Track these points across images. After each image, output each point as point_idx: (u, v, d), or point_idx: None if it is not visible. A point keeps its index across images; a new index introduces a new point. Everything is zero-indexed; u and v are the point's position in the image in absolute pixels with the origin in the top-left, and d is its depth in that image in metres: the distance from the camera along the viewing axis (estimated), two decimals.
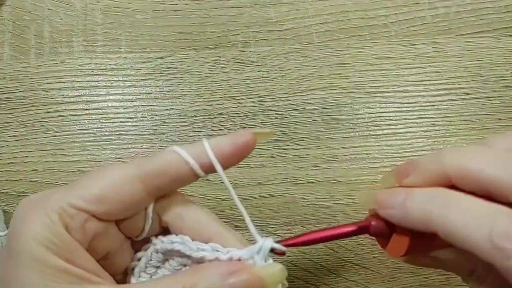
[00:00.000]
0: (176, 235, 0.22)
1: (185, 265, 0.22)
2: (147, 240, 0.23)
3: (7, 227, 0.37)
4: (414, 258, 0.23)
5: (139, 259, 0.23)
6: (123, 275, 0.24)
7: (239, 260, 0.20)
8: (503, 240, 0.17)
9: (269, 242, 0.21)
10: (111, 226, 0.22)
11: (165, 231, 0.23)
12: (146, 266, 0.23)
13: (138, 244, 0.24)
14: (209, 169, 0.22)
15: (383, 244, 0.23)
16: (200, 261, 0.21)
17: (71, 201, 0.20)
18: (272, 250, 0.21)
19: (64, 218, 0.19)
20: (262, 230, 0.37)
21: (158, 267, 0.23)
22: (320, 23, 0.41)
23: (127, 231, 0.23)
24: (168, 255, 0.23)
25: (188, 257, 0.21)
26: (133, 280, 0.23)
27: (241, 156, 0.22)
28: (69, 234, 0.19)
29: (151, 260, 0.23)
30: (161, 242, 0.22)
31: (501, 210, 0.18)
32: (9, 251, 0.19)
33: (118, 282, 0.23)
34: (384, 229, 0.22)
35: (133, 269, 0.23)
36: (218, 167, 0.22)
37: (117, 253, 0.23)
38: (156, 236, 0.23)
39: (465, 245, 0.18)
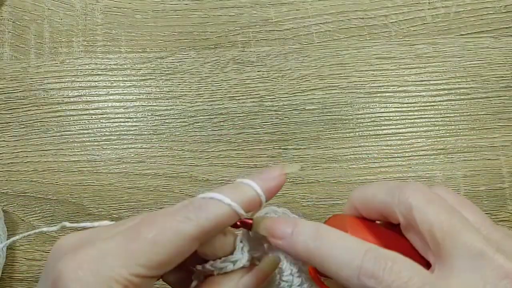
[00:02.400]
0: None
1: None
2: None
3: (7, 227, 0.37)
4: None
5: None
6: None
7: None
8: (369, 280, 0.19)
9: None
10: None
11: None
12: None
13: None
14: (249, 211, 0.22)
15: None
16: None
17: (139, 271, 0.19)
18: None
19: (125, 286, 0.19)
20: None
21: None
22: (320, 23, 0.41)
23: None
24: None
25: None
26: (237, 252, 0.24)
27: (270, 198, 0.23)
28: None
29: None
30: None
31: (367, 248, 0.20)
32: None
33: None
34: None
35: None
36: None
37: None
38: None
39: (338, 279, 0.20)
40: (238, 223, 0.22)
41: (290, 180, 0.38)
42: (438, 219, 0.20)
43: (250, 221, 0.23)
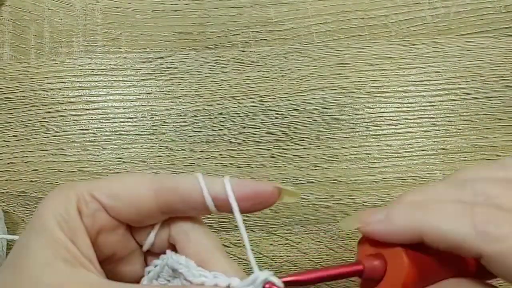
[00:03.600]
0: (186, 256, 0.22)
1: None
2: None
3: (7, 227, 0.37)
4: None
5: (155, 266, 0.23)
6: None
7: None
8: (486, 226, 0.18)
9: (264, 274, 0.20)
10: (121, 228, 0.22)
11: (174, 248, 0.24)
12: (158, 276, 0.23)
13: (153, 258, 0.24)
14: (224, 207, 0.21)
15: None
16: (199, 286, 0.21)
17: (90, 190, 0.21)
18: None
19: (80, 203, 0.21)
20: (262, 229, 0.37)
21: (168, 281, 0.24)
22: (320, 23, 0.41)
23: (137, 239, 0.23)
24: (175, 272, 0.23)
25: (190, 282, 0.21)
26: (143, 281, 0.23)
27: (259, 205, 0.22)
28: (80, 217, 0.21)
29: (162, 272, 0.23)
30: (171, 258, 0.22)
31: (475, 203, 0.19)
32: (30, 221, 0.21)
33: None
34: (377, 271, 0.21)
35: (148, 272, 0.23)
36: (234, 205, 0.21)
37: (125, 259, 0.23)
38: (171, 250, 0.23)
39: (452, 241, 0.19)
40: (350, 271, 0.21)
41: (290, 181, 0.38)
42: None
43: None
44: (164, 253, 0.23)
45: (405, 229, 0.20)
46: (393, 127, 0.39)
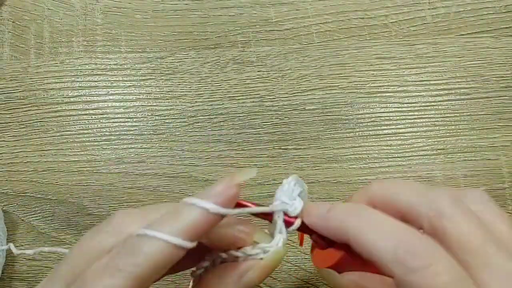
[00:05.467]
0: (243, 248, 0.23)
1: None
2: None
3: (7, 227, 0.37)
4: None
5: (203, 267, 0.23)
6: None
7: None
8: (405, 255, 0.18)
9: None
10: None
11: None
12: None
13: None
14: (198, 237, 0.19)
15: (315, 248, 0.25)
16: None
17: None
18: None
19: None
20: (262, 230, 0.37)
21: None
22: (320, 23, 0.41)
23: None
24: None
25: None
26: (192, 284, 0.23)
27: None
28: None
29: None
30: (234, 257, 0.22)
31: (407, 228, 0.19)
32: None
33: None
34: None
35: (199, 275, 0.23)
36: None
37: None
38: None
39: (372, 256, 0.19)
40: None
41: None
42: (470, 234, 0.19)
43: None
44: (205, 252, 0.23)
45: (335, 231, 0.21)
46: (393, 127, 0.39)
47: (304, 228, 0.23)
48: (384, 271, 0.19)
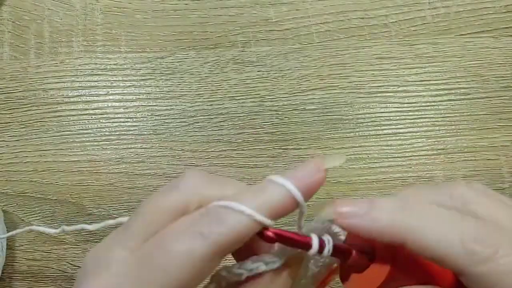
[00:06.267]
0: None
1: None
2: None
3: (6, 227, 0.37)
4: None
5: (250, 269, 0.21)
6: None
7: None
8: (474, 244, 0.17)
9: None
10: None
11: None
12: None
13: None
14: (278, 217, 0.19)
15: (345, 278, 0.21)
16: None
17: None
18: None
19: None
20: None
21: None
22: (320, 23, 0.41)
23: None
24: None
25: None
26: None
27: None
28: None
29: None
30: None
31: (465, 216, 0.18)
32: None
33: None
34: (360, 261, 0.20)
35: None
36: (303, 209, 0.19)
37: None
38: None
39: (436, 252, 0.18)
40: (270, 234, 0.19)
41: None
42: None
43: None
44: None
45: (387, 231, 0.18)
46: (393, 127, 0.39)
47: (338, 251, 0.19)
48: (451, 268, 0.18)
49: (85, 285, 0.18)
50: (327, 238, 0.20)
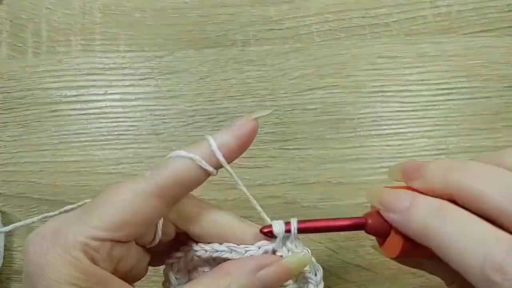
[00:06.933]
0: (220, 243, 0.22)
1: None
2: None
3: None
4: (402, 258, 0.23)
5: (176, 257, 0.24)
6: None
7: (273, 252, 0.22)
8: (495, 273, 0.16)
9: (280, 222, 0.23)
10: (131, 244, 0.21)
11: (178, 234, 0.23)
12: (184, 267, 0.24)
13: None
14: (217, 165, 0.22)
15: (380, 243, 0.23)
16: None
17: (92, 233, 0.19)
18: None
19: (89, 252, 0.19)
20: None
21: (189, 271, 0.24)
22: (321, 22, 0.40)
23: (141, 242, 0.22)
24: (203, 261, 0.23)
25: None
26: (170, 274, 0.23)
27: (247, 146, 0.23)
28: (97, 266, 0.19)
29: (188, 264, 0.24)
30: (204, 251, 0.23)
31: (498, 236, 0.17)
32: None
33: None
34: (380, 229, 0.22)
35: (171, 264, 0.24)
36: (227, 167, 0.22)
37: (137, 264, 0.22)
38: (190, 241, 0.23)
39: (457, 268, 0.18)
40: (351, 223, 0.22)
41: (290, 181, 0.37)
42: None
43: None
44: (183, 244, 0.23)
45: (417, 234, 0.19)
46: (395, 126, 0.38)
47: (377, 227, 0.21)
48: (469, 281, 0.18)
49: (31, 236, 0.20)
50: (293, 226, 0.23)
